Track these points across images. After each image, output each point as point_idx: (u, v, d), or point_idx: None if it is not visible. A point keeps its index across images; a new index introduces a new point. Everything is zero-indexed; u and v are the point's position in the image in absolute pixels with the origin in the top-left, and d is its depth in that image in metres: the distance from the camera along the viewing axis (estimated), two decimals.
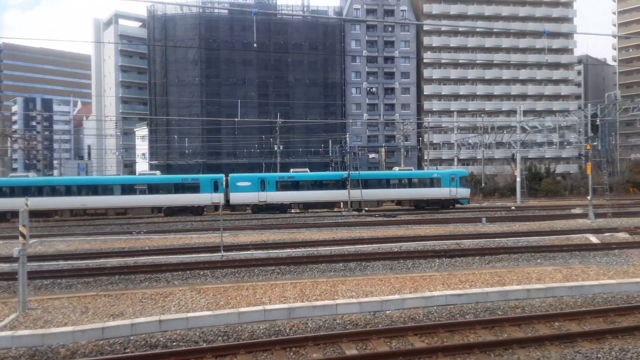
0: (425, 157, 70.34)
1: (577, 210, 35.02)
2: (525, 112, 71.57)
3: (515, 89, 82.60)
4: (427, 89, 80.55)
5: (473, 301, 11.35)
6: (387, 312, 10.82)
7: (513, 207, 40.24)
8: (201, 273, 15.07)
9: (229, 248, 18.71)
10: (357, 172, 40.20)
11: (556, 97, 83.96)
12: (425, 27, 77.92)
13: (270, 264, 15.94)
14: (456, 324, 9.72)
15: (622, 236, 21.54)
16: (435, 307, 11.01)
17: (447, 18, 79.57)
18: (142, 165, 71.85)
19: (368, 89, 77.83)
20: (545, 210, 37.98)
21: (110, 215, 37.75)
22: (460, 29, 76.49)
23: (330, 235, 23.44)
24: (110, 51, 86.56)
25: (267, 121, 56.16)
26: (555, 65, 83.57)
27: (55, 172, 71.73)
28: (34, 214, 29.36)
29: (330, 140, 56.59)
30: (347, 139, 46.64)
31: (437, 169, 54.98)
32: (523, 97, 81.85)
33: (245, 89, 68.37)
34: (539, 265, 15.71)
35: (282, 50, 69.35)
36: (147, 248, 20.38)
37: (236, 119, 44.60)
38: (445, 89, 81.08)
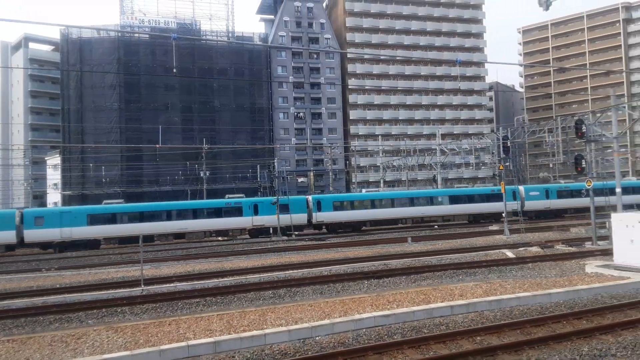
0: (353, 180, 71.86)
1: (494, 227, 37.07)
2: (444, 136, 75.62)
3: (434, 114, 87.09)
4: (353, 114, 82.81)
5: (400, 321, 11.47)
6: (317, 338, 10.65)
7: (436, 227, 41.84)
8: (119, 310, 14.10)
9: (150, 281, 17.74)
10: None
11: (471, 121, 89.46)
12: (349, 55, 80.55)
13: (195, 296, 15.27)
14: (384, 345, 9.74)
15: (535, 250, 22.98)
16: (364, 330, 11.00)
17: (369, 46, 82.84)
18: (53, 196, 67.09)
19: (295, 113, 78.68)
20: (465, 227, 39.83)
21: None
22: (382, 57, 79.79)
23: (259, 262, 22.98)
24: (19, 76, 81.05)
25: (192, 147, 54.79)
26: (470, 92, 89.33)
27: None
28: None
29: (258, 165, 56.20)
30: (276, 163, 46.50)
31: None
32: (441, 121, 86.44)
33: (168, 114, 66.47)
34: (461, 282, 16.29)
35: (207, 75, 68.47)
36: (57, 286, 18.82)
37: (157, 146, 42.96)
38: (370, 114, 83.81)
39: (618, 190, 26.94)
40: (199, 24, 71.73)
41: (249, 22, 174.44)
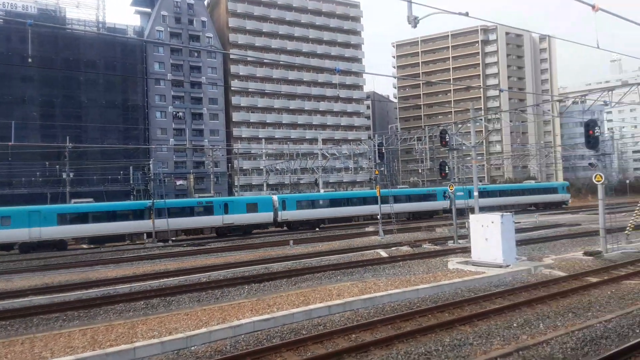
0: (236, 183, 70.86)
1: (370, 228, 39.06)
2: (325, 141, 77.97)
3: (317, 119, 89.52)
4: (236, 116, 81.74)
5: (280, 324, 11.45)
6: (193, 348, 10.20)
7: (317, 229, 42.88)
8: None
9: None
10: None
11: (351, 127, 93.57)
12: (232, 56, 79.37)
13: (54, 311, 13.76)
14: (262, 349, 9.63)
15: (405, 249, 24.60)
16: (243, 336, 10.78)
17: (252, 49, 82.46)
18: None
19: (174, 113, 75.25)
20: (344, 229, 41.39)
21: None
22: (265, 60, 79.93)
23: (130, 271, 21.46)
24: None
25: (53, 145, 49.53)
26: (349, 100, 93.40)
27: None
28: None
29: (131, 167, 52.56)
30: (151, 165, 43.85)
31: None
32: (323, 126, 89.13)
33: (25, 108, 59.48)
34: (339, 282, 16.80)
35: (72, 67, 62.55)
36: None
37: (10, 143, 38.06)
38: (253, 117, 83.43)
39: (476, 193, 29.99)
40: (64, 11, 65.42)
41: (123, 13, 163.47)
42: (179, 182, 70.82)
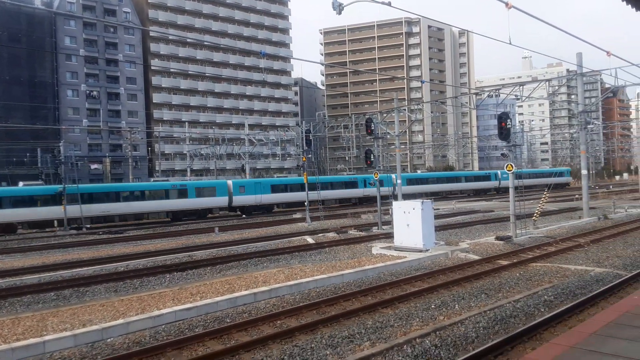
0: (157, 168, 68.06)
1: (298, 215, 39.23)
2: (253, 126, 76.98)
3: (243, 104, 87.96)
4: (157, 97, 78.25)
5: (203, 313, 11.18)
6: (109, 340, 9.68)
7: (244, 216, 42.37)
8: None
9: None
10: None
11: (278, 113, 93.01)
12: (152, 34, 75.59)
13: None
14: (184, 339, 9.34)
15: (332, 235, 24.95)
16: (163, 326, 10.39)
17: (174, 27, 79.04)
18: None
19: (88, 92, 70.45)
20: (272, 216, 41.24)
21: None
22: (189, 40, 77.00)
23: (40, 261, 19.96)
24: None
25: None
26: (277, 85, 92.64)
27: None
28: None
29: (39, 149, 48.60)
30: (62, 147, 40.80)
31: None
32: (250, 112, 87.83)
33: None
34: (265, 269, 16.70)
35: None
36: None
37: None
38: (176, 99, 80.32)
39: (399, 181, 31.06)
40: None
41: None
42: (93, 166, 66.75)
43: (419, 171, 74.17)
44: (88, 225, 35.43)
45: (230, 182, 43.04)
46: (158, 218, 39.75)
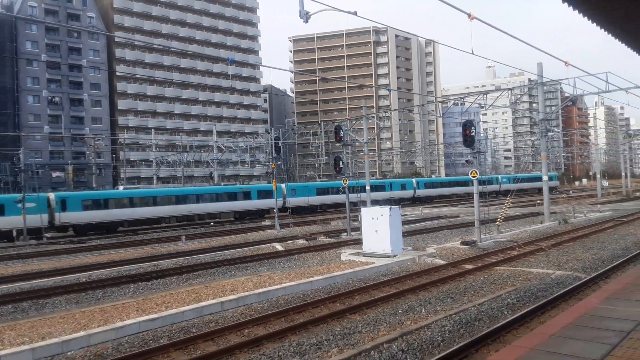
0: (122, 175, 66.53)
1: (267, 222, 39.00)
2: (221, 133, 76.32)
3: (212, 111, 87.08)
4: (122, 104, 76.63)
5: (168, 323, 10.94)
6: (69, 353, 9.38)
7: (212, 223, 41.85)
8: None
9: None
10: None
11: (247, 120, 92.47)
12: (117, 39, 74.12)
13: None
14: (148, 351, 9.13)
15: (301, 242, 24.90)
16: (127, 338, 10.12)
17: (140, 33, 77.73)
18: None
19: (49, 98, 68.35)
20: (240, 224, 40.86)
21: None
22: (155, 46, 75.82)
23: None
24: None
25: None
26: (246, 92, 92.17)
27: None
28: None
29: None
30: (22, 155, 39.41)
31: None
32: (219, 118, 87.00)
33: None
34: (233, 277, 16.50)
35: None
36: None
37: None
38: (142, 105, 78.83)
39: (367, 187, 31.30)
40: None
41: None
42: (55, 174, 64.65)
43: (433, 176, 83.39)
44: (48, 235, 34.27)
45: (284, 185, 46.86)
46: (227, 218, 43.74)
